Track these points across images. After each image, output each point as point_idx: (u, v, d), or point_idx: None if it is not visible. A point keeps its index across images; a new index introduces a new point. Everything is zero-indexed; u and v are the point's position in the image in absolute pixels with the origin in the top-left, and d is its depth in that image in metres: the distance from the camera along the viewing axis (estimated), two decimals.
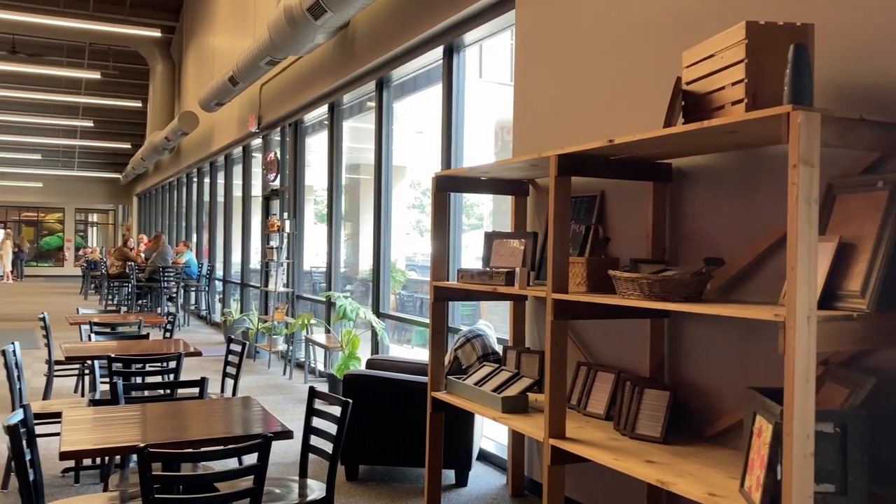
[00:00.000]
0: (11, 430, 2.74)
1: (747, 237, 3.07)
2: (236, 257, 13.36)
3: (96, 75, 17.66)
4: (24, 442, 2.85)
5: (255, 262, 12.24)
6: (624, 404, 3.27)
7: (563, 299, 3.15)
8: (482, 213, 11.31)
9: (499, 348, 4.59)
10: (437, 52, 6.06)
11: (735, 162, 3.15)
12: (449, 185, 4.23)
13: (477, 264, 6.32)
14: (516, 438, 4.49)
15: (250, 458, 2.67)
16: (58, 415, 4.50)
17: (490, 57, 6.78)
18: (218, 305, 14.42)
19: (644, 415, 3.19)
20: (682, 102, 2.86)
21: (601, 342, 3.92)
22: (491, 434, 5.56)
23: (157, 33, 16.02)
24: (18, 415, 2.96)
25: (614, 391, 3.56)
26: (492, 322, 5.18)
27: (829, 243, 2.46)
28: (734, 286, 3.11)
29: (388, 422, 4.78)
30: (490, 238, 4.16)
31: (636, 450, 3.00)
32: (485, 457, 5.37)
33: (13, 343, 4.68)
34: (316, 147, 9.92)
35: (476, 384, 3.93)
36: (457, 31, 5.66)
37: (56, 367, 6.45)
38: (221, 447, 2.68)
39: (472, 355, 4.49)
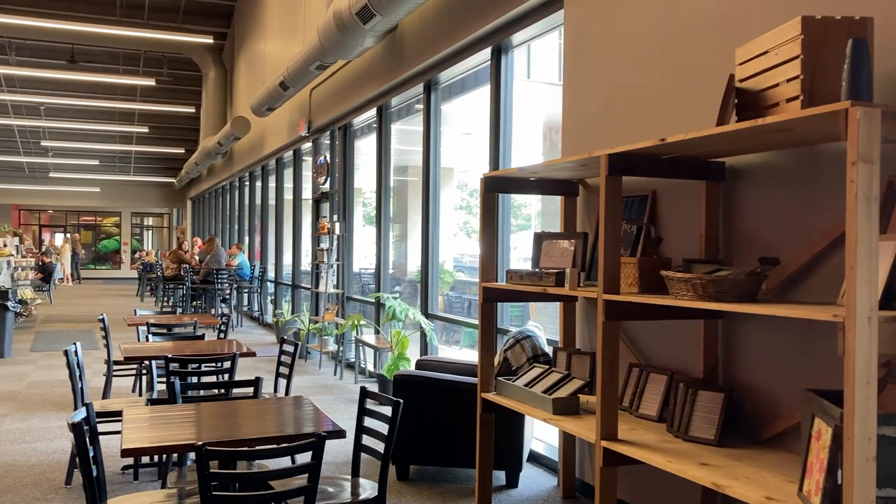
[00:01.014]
0: (76, 428, 2.83)
1: (803, 236, 3.01)
2: (287, 259, 13.55)
3: (151, 82, 18.09)
4: (87, 439, 2.94)
5: (306, 263, 12.40)
6: (677, 406, 3.23)
7: (615, 300, 3.12)
8: (529, 214, 11.28)
9: (549, 349, 4.58)
10: (486, 54, 6.07)
11: (790, 159, 3.09)
12: (497, 186, 4.23)
13: (524, 265, 6.31)
14: (567, 440, 4.46)
15: (303, 457, 2.71)
16: (117, 413, 4.63)
17: (538, 57, 6.76)
18: (270, 307, 14.63)
19: (698, 417, 3.15)
20: (736, 100, 2.82)
21: (653, 343, 3.88)
22: (541, 435, 5.54)
23: (209, 40, 16.34)
24: (81, 413, 3.05)
25: (667, 393, 3.52)
26: (541, 323, 5.17)
27: (890, 242, 2.40)
28: (790, 286, 3.05)
29: (438, 422, 4.80)
30: (539, 239, 4.15)
31: (690, 452, 2.96)
32: (535, 458, 5.35)
33: (75, 344, 4.82)
34: (365, 150, 10.01)
35: (526, 385, 3.92)
36: (505, 31, 5.66)
37: (115, 367, 6.63)
38: (277, 446, 2.73)
39: (521, 356, 4.48)
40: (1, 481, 4.92)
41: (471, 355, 7.87)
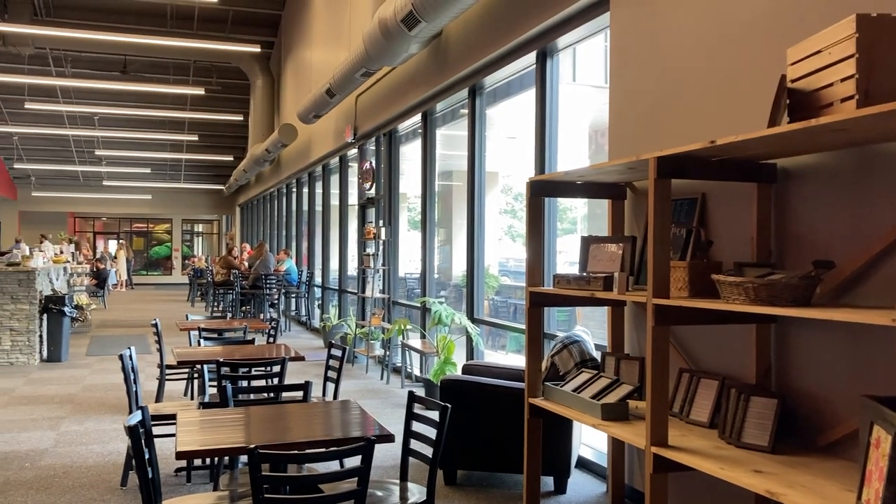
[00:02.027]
0: (132, 431, 2.90)
1: (859, 239, 2.94)
2: (334, 264, 13.69)
3: (200, 91, 18.47)
4: (143, 442, 3.01)
5: (352, 268, 12.50)
6: (729, 412, 3.18)
7: (665, 304, 3.09)
8: (575, 217, 11.21)
9: (597, 354, 4.54)
10: (531, 58, 6.06)
11: (845, 160, 3.02)
12: (543, 190, 4.21)
13: (570, 269, 6.27)
14: (616, 446, 4.42)
15: (351, 461, 2.74)
16: (170, 416, 4.72)
17: (583, 59, 6.73)
18: (317, 311, 14.79)
19: (750, 423, 3.09)
20: (788, 101, 2.77)
21: (704, 348, 3.82)
22: (589, 441, 5.49)
23: (256, 49, 16.61)
24: (137, 416, 3.12)
25: (718, 398, 3.46)
26: (588, 327, 5.13)
27: None
28: (846, 290, 2.98)
29: (485, 427, 4.80)
30: (587, 242, 4.12)
31: (743, 459, 2.91)
32: (583, 464, 5.31)
33: (129, 348, 4.94)
34: (409, 155, 10.06)
35: (574, 391, 3.90)
36: (550, 35, 5.65)
37: (167, 371, 6.76)
38: (327, 449, 2.76)
39: (569, 361, 4.46)
40: (60, 481, 5.06)
41: (517, 360, 7.85)
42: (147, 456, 3.00)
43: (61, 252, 14.49)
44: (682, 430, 3.40)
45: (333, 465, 4.65)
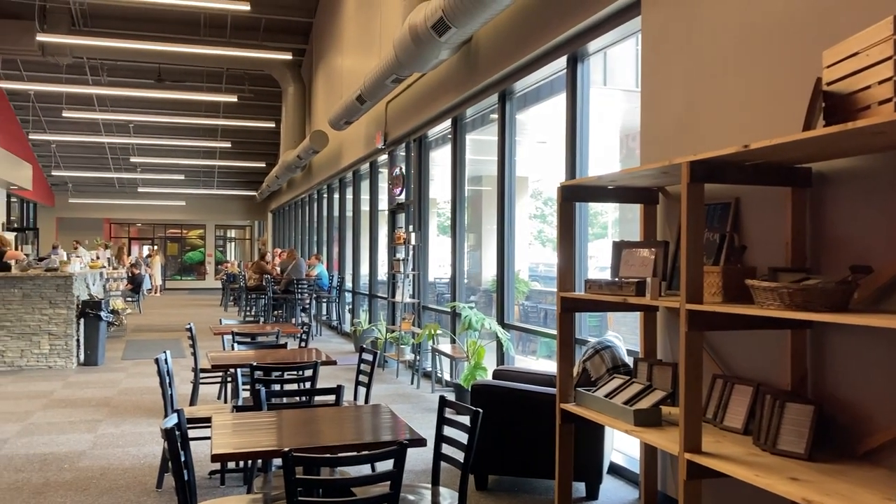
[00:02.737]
0: (168, 434, 2.94)
1: None
2: (364, 269, 13.76)
3: (233, 98, 18.69)
4: (179, 444, 3.05)
5: (382, 273, 12.56)
6: (764, 418, 3.14)
7: (698, 310, 3.07)
8: (606, 222, 11.15)
9: (629, 360, 4.52)
10: (561, 62, 6.05)
11: (882, 163, 2.98)
12: (574, 195, 4.21)
13: (600, 274, 6.24)
14: (649, 452, 4.39)
15: (381, 465, 2.75)
16: (205, 420, 4.78)
17: (614, 64, 6.70)
18: (348, 316, 14.87)
19: (786, 430, 3.05)
20: (823, 104, 2.74)
21: (738, 354, 3.79)
22: (621, 447, 5.46)
23: (288, 56, 16.78)
24: (173, 419, 3.17)
25: (753, 405, 3.43)
26: (619, 333, 5.10)
27: None
28: (884, 295, 2.93)
29: (516, 432, 4.79)
30: (619, 247, 4.10)
31: (778, 466, 2.88)
32: (615, 470, 5.28)
33: (165, 352, 5.01)
34: (439, 160, 10.10)
35: (606, 396, 3.88)
36: (581, 40, 5.64)
37: (201, 375, 6.84)
38: (360, 453, 2.77)
39: (601, 367, 4.44)
40: (98, 483, 5.15)
41: (548, 366, 7.83)
42: (183, 458, 3.04)
43: (97, 258, 14.74)
44: (715, 436, 3.37)
45: (365, 469, 4.67)
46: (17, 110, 21.61)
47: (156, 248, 30.84)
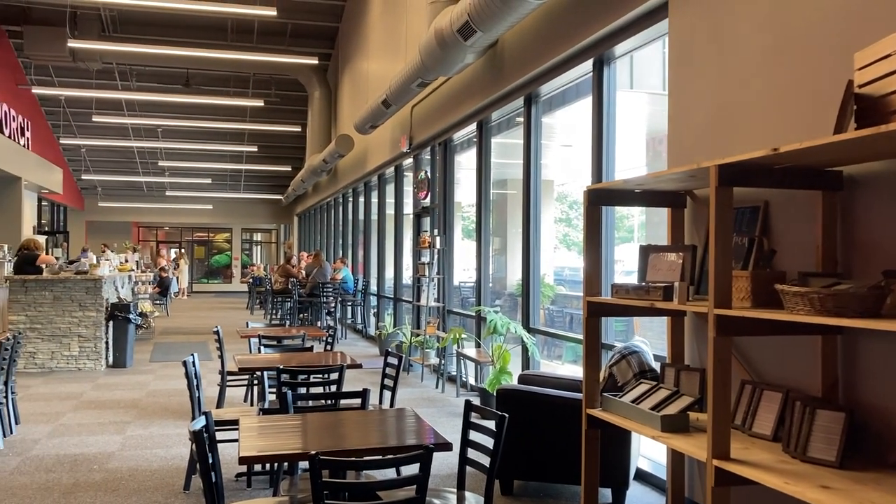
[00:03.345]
0: (197, 436, 2.97)
1: None
2: (389, 273, 13.79)
3: (260, 103, 18.86)
4: (206, 446, 3.07)
5: (407, 277, 12.58)
6: (794, 425, 3.10)
7: (727, 315, 3.04)
8: (632, 226, 11.09)
9: (656, 365, 4.48)
10: (587, 66, 6.03)
11: None
12: (601, 199, 4.18)
13: (626, 279, 6.19)
14: (676, 458, 4.35)
15: (407, 469, 2.75)
16: (232, 422, 4.82)
17: (641, 66, 6.67)
18: (372, 319, 14.91)
19: (816, 437, 3.01)
20: (855, 106, 2.70)
21: (767, 360, 3.74)
22: (648, 453, 5.42)
23: (314, 61, 16.88)
24: (201, 421, 3.20)
25: (782, 411, 3.38)
26: (646, 338, 5.07)
27: None
28: None
29: (542, 437, 4.77)
30: (646, 252, 4.07)
31: (809, 473, 2.83)
32: (642, 476, 5.24)
33: (193, 355, 5.06)
34: (465, 164, 10.10)
35: (633, 402, 3.85)
36: (607, 43, 5.62)
37: (227, 377, 6.90)
38: (386, 456, 2.78)
39: (627, 372, 4.41)
40: (127, 484, 5.21)
41: (574, 371, 7.79)
42: (211, 460, 3.07)
43: (126, 261, 14.92)
44: (744, 442, 3.33)
45: (390, 473, 4.68)
46: (49, 115, 21.96)
47: (182, 251, 31.14)
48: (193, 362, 4.97)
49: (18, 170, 15.78)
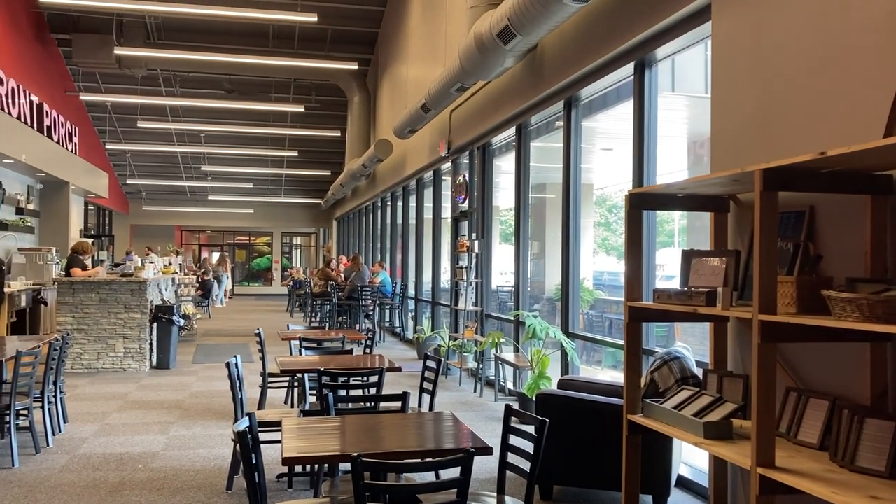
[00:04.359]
0: (241, 436, 3.02)
1: None
2: (427, 276, 13.83)
3: (300, 108, 19.06)
4: (250, 447, 3.12)
5: (445, 281, 12.61)
6: (841, 434, 3.04)
7: (772, 321, 2.99)
8: (672, 230, 10.96)
9: (698, 371, 4.43)
10: (628, 69, 6.00)
11: None
12: (643, 203, 4.16)
13: (666, 283, 6.14)
14: (718, 466, 4.29)
15: (446, 472, 2.76)
16: (273, 423, 4.88)
17: (682, 69, 6.61)
18: (410, 323, 14.96)
19: (865, 446, 2.95)
20: None
21: (813, 367, 3.68)
22: (689, 459, 5.35)
23: (354, 66, 17.03)
24: (245, 422, 3.25)
25: (829, 419, 3.32)
26: (687, 343, 5.01)
27: None
28: None
29: (582, 443, 4.75)
30: (688, 256, 4.03)
31: (857, 483, 2.78)
32: (683, 483, 5.18)
33: (235, 356, 5.13)
34: (503, 168, 10.09)
35: (675, 408, 3.81)
36: (648, 46, 5.58)
37: (268, 379, 6.98)
38: (429, 459, 2.79)
39: (669, 378, 4.36)
40: (171, 483, 5.30)
41: (614, 376, 7.73)
42: (254, 461, 3.11)
43: (169, 264, 15.18)
44: (789, 451, 3.28)
45: (428, 476, 4.69)
46: (95, 121, 22.46)
47: (225, 254, 31.56)
48: (236, 364, 5.04)
49: (66, 174, 16.16)
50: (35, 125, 14.10)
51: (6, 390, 5.96)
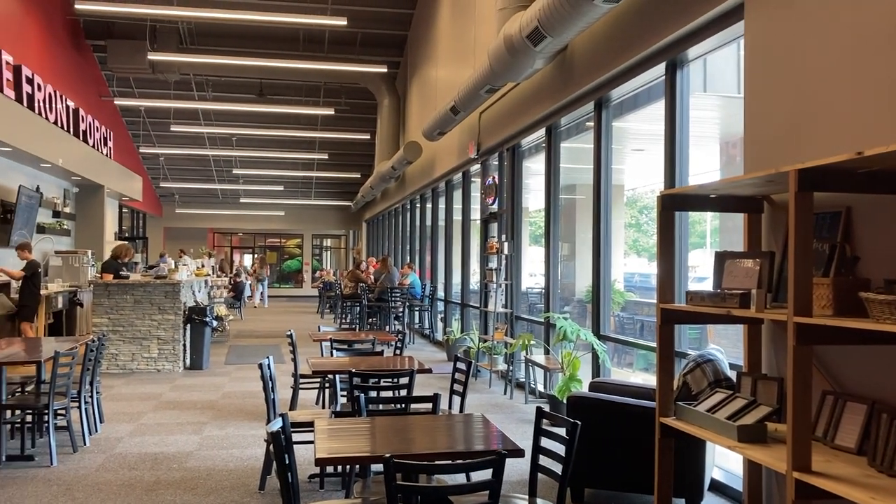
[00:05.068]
0: (275, 437, 3.05)
1: None
2: (456, 278, 13.83)
3: (330, 111, 19.19)
4: (283, 447, 3.15)
5: (474, 282, 12.60)
6: (880, 438, 2.99)
7: (807, 323, 2.95)
8: (704, 231, 10.84)
9: (731, 374, 4.38)
10: (659, 69, 5.95)
11: None
12: (675, 204, 4.12)
13: (698, 285, 6.08)
14: (752, 470, 4.24)
15: (476, 474, 2.77)
16: (305, 424, 4.91)
17: (714, 69, 6.54)
18: (440, 324, 14.98)
19: None
20: None
21: (850, 369, 3.62)
22: (723, 463, 5.30)
23: (383, 69, 17.11)
24: (278, 423, 3.27)
25: (867, 423, 3.27)
26: (720, 346, 4.96)
27: None
28: None
29: (614, 446, 4.72)
30: (721, 258, 3.99)
31: None
32: (717, 487, 5.13)
33: (268, 357, 5.18)
34: (533, 169, 10.07)
35: (708, 411, 3.78)
36: (680, 46, 5.53)
37: (300, 380, 7.03)
38: (459, 461, 2.80)
39: (702, 381, 4.32)
40: (204, 483, 5.36)
41: (646, 379, 7.67)
42: (287, 461, 3.14)
43: (202, 266, 15.36)
44: (826, 455, 3.23)
45: (459, 478, 4.69)
46: (129, 125, 22.81)
47: (260, 256, 31.83)
48: (269, 365, 5.08)
49: (101, 178, 16.43)
50: (71, 130, 14.36)
51: (45, 390, 6.08)
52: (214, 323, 11.79)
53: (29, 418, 6.27)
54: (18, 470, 5.64)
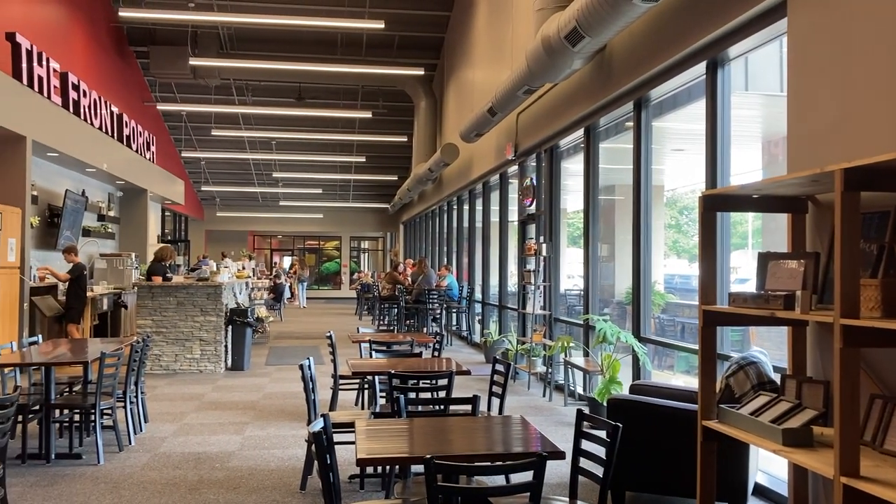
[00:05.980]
0: (316, 437, 3.08)
1: None
2: (494, 280, 13.82)
3: (368, 114, 19.34)
4: (325, 447, 3.18)
5: (512, 284, 12.57)
6: None
7: (855, 325, 2.90)
8: (745, 232, 10.68)
9: (775, 377, 4.31)
10: (700, 68, 5.89)
11: None
12: (717, 205, 4.07)
13: (739, 286, 5.99)
14: (798, 474, 4.16)
15: (517, 476, 2.76)
16: (345, 425, 4.95)
17: (756, 67, 6.45)
18: (477, 326, 14.97)
19: None
20: None
21: None
22: (767, 467, 5.21)
23: (420, 72, 17.17)
24: (320, 423, 3.31)
25: None
26: (763, 348, 4.88)
27: None
28: None
29: (655, 449, 4.68)
30: (765, 259, 3.94)
31: None
32: (760, 491, 5.05)
33: (308, 359, 5.23)
34: (571, 170, 10.02)
35: (752, 414, 3.72)
36: (721, 44, 5.46)
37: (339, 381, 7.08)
38: (495, 463, 2.80)
39: (745, 383, 4.26)
40: (246, 482, 5.43)
41: (687, 381, 7.59)
42: (329, 462, 3.17)
43: (243, 268, 15.57)
44: (875, 460, 3.16)
45: (498, 479, 4.69)
46: (171, 130, 23.21)
47: (302, 258, 32.15)
48: (309, 366, 5.13)
49: (145, 182, 16.76)
50: (115, 135, 14.66)
51: (91, 390, 6.21)
52: (255, 324, 11.92)
53: (76, 417, 6.42)
54: (67, 468, 5.78)
